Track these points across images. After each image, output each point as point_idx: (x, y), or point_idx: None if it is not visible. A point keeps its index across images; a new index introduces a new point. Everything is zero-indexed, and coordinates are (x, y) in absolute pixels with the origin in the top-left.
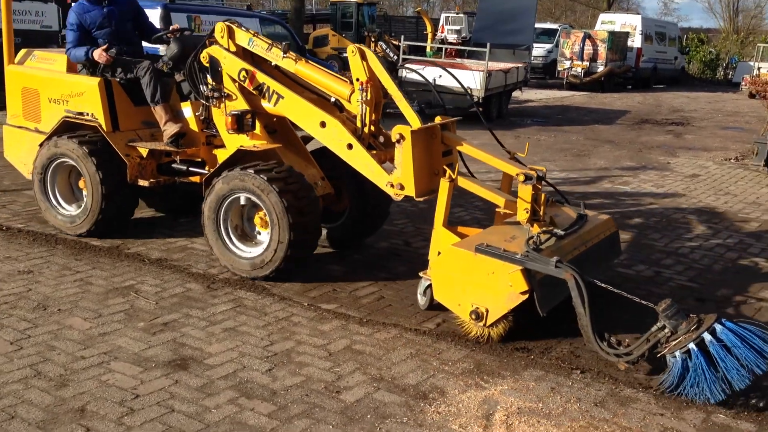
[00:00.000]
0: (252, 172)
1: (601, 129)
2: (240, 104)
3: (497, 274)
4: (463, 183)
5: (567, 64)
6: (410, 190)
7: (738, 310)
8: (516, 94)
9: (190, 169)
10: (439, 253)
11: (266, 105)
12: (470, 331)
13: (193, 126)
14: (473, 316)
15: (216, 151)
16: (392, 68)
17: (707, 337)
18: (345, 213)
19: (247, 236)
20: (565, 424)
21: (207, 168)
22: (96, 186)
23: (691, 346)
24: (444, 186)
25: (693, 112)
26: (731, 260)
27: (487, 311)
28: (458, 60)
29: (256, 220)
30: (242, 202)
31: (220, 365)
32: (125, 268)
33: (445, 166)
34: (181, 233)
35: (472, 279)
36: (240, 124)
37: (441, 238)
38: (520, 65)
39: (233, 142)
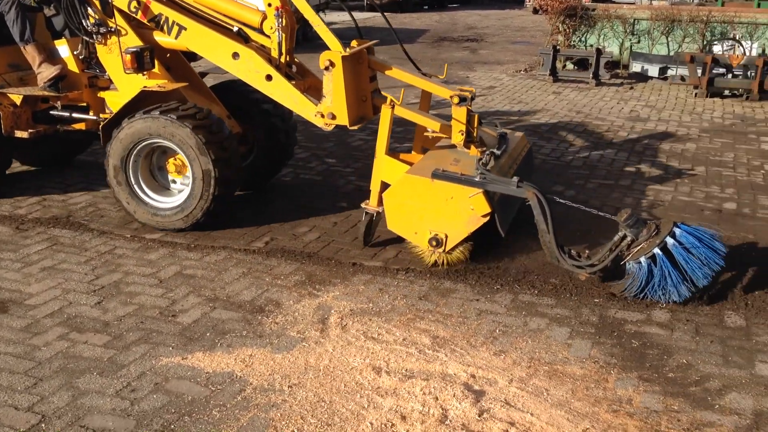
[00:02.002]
0: (158, 113)
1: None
2: (132, 40)
3: (456, 198)
4: (398, 110)
5: None
6: (342, 119)
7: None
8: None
9: (74, 115)
10: (383, 183)
11: (164, 39)
12: (428, 258)
13: (73, 67)
14: (433, 243)
15: (103, 94)
16: None
17: (669, 240)
18: (252, 153)
19: (162, 186)
20: (394, 319)
21: (91, 113)
22: None
23: (656, 251)
24: (386, 113)
25: (485, 29)
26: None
27: (446, 237)
28: None
29: (170, 166)
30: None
31: (43, 304)
32: None
33: (384, 93)
34: None
35: (429, 206)
36: (140, 62)
37: (385, 166)
38: None
39: (129, 82)
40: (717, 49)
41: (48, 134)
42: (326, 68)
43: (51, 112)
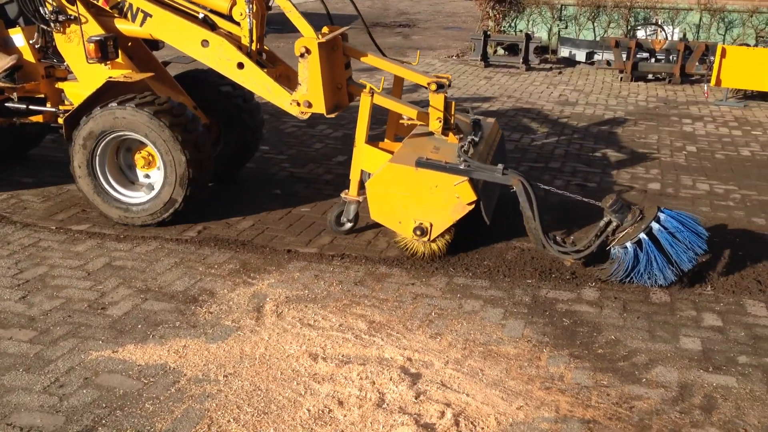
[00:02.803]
0: (134, 105)
1: None
2: (93, 28)
3: (441, 187)
4: (377, 98)
5: None
6: (319, 107)
7: None
8: None
9: (31, 107)
10: (365, 172)
11: (127, 27)
12: (413, 248)
13: (29, 56)
14: (417, 233)
15: (61, 85)
16: None
17: (655, 225)
18: (219, 145)
19: (129, 180)
20: (330, 305)
21: (49, 105)
22: None
23: (642, 236)
24: (365, 101)
25: (417, 14)
26: None
27: (431, 225)
28: None
29: (138, 160)
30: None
31: None
32: None
33: (362, 80)
34: None
35: (413, 195)
36: (104, 51)
37: (365, 155)
38: None
39: (91, 73)
40: (640, 34)
41: (3, 127)
42: (301, 55)
43: (6, 104)
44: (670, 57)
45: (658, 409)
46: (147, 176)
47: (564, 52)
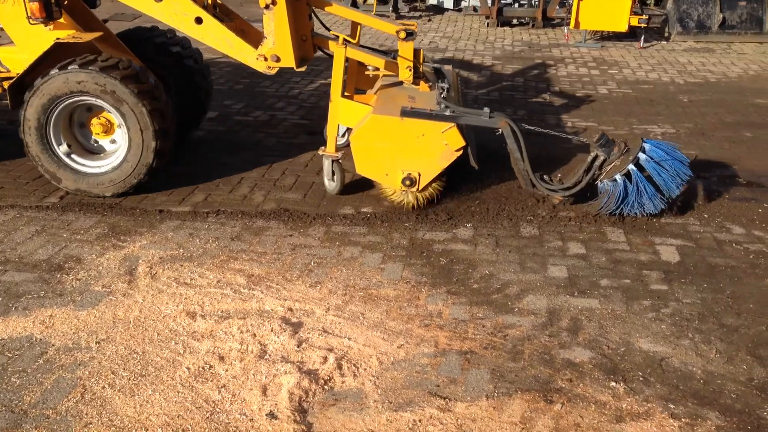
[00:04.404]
0: (98, 69)
1: None
2: None
3: (428, 135)
4: (349, 51)
5: None
6: (288, 61)
7: None
8: None
9: None
10: (344, 128)
11: None
12: (401, 199)
13: None
14: (407, 183)
15: None
16: None
17: (642, 156)
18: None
19: (86, 148)
20: (207, 262)
21: None
22: None
23: (631, 167)
24: (339, 53)
25: None
26: None
27: (419, 175)
28: None
29: (94, 126)
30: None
31: None
32: None
33: (335, 33)
34: None
35: (399, 145)
36: (49, 10)
37: (343, 109)
38: None
39: (32, 35)
40: None
41: None
42: (266, 7)
43: None
44: (533, 2)
45: (529, 335)
46: (96, 142)
47: None
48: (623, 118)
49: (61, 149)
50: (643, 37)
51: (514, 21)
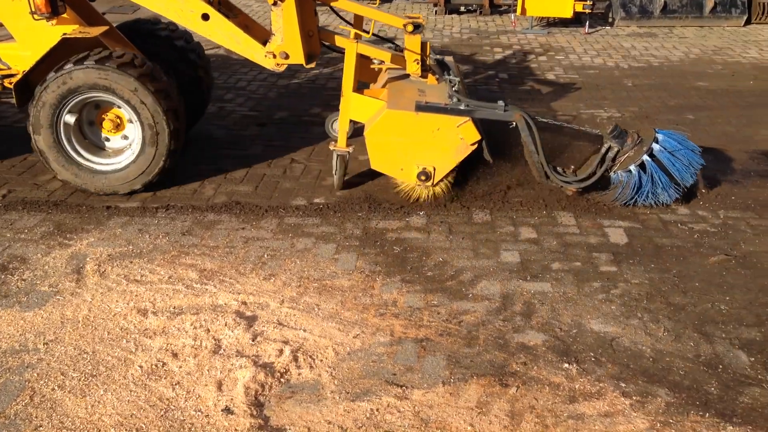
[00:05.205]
0: (115, 67)
1: None
2: None
3: (443, 129)
4: (360, 47)
5: None
6: (297, 57)
7: (291, 124)
8: None
9: None
10: (353, 121)
11: None
12: (416, 193)
13: None
14: (422, 177)
15: None
16: None
17: (656, 147)
18: None
19: (95, 145)
20: (157, 258)
21: None
22: None
23: (645, 157)
24: (350, 48)
25: None
26: (283, 86)
27: (435, 169)
28: None
29: (105, 123)
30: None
31: None
32: None
33: (344, 27)
34: None
35: (414, 140)
36: (54, 5)
37: (355, 104)
38: None
39: (35, 31)
40: None
41: None
42: (275, 3)
43: None
44: None
45: (483, 320)
46: (108, 139)
47: None
48: (571, 104)
49: (74, 152)
50: (588, 23)
51: (462, 8)
